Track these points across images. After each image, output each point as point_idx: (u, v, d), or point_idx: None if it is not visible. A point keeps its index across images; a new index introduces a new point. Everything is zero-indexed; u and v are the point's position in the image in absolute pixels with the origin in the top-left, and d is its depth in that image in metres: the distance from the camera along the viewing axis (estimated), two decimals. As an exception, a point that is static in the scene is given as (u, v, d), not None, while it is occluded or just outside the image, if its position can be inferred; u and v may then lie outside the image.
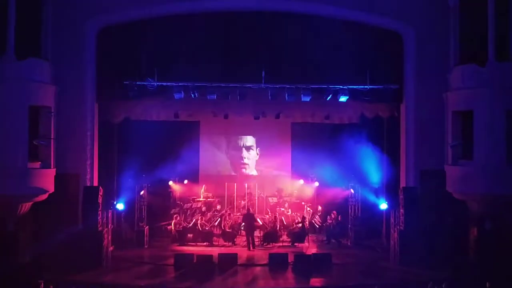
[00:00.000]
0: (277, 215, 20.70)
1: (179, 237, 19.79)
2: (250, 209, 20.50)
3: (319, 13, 18.28)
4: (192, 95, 17.87)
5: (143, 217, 19.98)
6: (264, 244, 19.70)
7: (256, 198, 22.22)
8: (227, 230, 20.00)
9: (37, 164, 15.74)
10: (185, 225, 20.06)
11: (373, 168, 20.12)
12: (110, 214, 17.97)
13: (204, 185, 22.37)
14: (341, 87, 17.74)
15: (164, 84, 17.38)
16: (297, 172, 22.92)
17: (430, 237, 17.04)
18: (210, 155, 23.39)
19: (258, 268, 16.95)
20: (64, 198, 16.77)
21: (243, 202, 21.77)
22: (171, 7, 17.96)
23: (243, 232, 19.80)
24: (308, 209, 21.43)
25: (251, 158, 23.57)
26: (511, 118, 15.42)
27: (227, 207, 21.62)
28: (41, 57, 15.89)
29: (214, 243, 19.66)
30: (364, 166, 20.13)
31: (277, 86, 17.79)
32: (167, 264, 17.15)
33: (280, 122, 21.43)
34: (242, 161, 23.53)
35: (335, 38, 17.96)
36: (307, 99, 18.27)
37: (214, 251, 18.09)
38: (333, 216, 20.60)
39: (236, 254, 17.47)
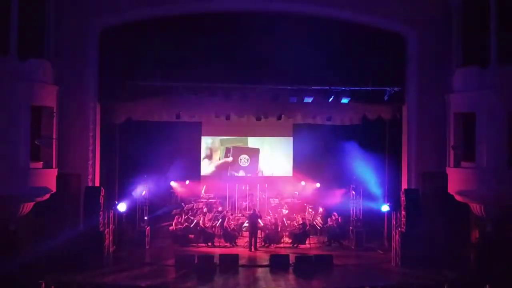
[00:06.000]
0: (278, 216, 20.69)
1: (181, 237, 19.80)
2: (255, 209, 20.46)
3: (321, 14, 18.26)
4: (194, 96, 17.86)
5: (145, 218, 19.99)
6: (265, 245, 19.70)
7: (258, 199, 22.21)
8: (230, 230, 19.97)
9: (39, 164, 15.77)
10: (186, 225, 20.05)
11: (374, 170, 20.08)
12: (111, 215, 17.95)
13: (204, 186, 22.37)
14: (343, 88, 17.72)
15: (166, 84, 17.37)
16: (298, 173, 22.91)
17: (432, 239, 17.00)
18: (211, 155, 23.39)
19: (259, 269, 16.91)
20: (66, 198, 16.81)
21: (244, 203, 21.76)
22: (173, 8, 17.94)
23: (244, 233, 19.78)
24: (310, 210, 21.41)
25: (251, 159, 23.56)
26: (513, 120, 15.45)
27: (228, 207, 21.61)
28: (43, 57, 15.93)
29: (215, 243, 19.67)
30: (366, 167, 20.09)
31: (279, 87, 17.78)
32: (168, 264, 17.14)
33: (281, 123, 21.43)
34: (242, 162, 23.52)
35: (337, 39, 17.94)
36: (309, 100, 18.31)
37: (215, 251, 18.11)
38: (334, 217, 20.55)
39: (238, 255, 17.46)
